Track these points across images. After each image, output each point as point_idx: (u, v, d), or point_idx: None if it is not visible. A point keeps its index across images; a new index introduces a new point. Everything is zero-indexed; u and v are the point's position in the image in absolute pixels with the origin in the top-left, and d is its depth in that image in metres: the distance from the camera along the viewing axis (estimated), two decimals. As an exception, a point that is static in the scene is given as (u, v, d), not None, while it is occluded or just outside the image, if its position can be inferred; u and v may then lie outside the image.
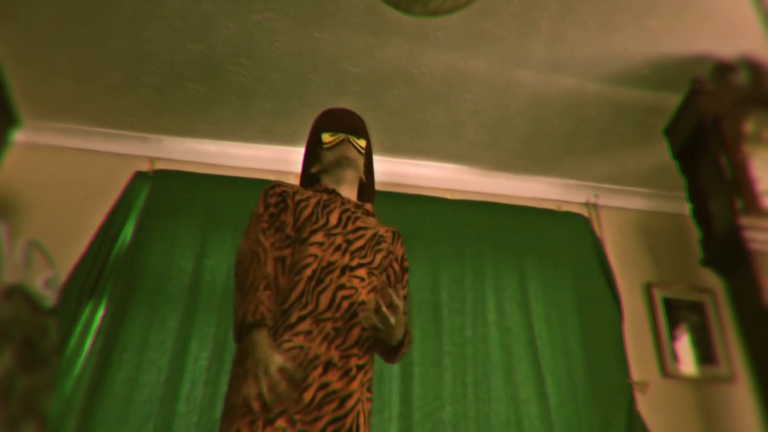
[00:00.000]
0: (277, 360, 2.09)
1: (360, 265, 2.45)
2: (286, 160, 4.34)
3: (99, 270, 3.80)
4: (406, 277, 2.70)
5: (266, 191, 2.55)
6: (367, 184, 2.83)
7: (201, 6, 3.43)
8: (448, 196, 4.52)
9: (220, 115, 4.19)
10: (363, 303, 2.39)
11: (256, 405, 2.04)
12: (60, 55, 3.76)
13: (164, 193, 4.13)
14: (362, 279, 2.43)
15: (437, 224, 4.36)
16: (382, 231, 2.63)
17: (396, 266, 2.67)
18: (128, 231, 3.98)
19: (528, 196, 4.73)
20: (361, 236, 2.53)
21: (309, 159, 2.80)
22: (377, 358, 2.59)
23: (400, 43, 3.62)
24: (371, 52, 3.68)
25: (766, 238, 2.97)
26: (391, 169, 4.50)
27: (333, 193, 2.61)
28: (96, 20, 3.53)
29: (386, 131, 4.28)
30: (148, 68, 3.84)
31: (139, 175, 4.18)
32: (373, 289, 2.49)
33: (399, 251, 2.70)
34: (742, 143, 3.15)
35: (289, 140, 4.34)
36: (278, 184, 2.57)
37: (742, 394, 4.17)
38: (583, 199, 4.79)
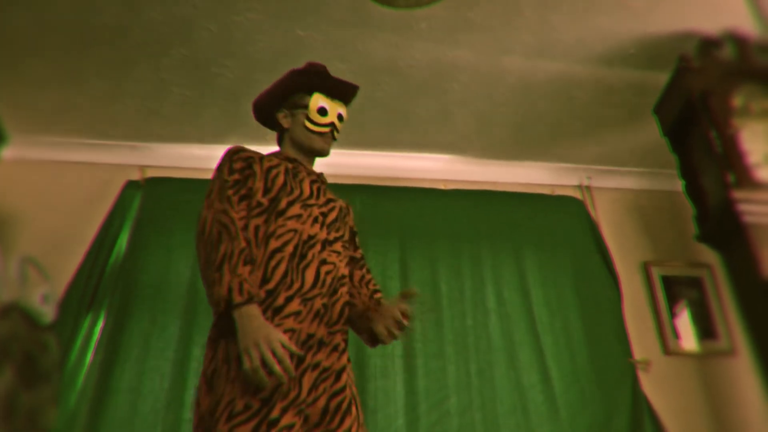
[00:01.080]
0: (279, 335, 2.01)
1: (336, 239, 2.41)
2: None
3: (96, 282, 3.79)
4: (357, 239, 2.68)
5: (230, 156, 2.42)
6: None
7: (182, 9, 3.41)
8: (442, 186, 4.51)
9: (208, 119, 4.18)
10: (343, 277, 2.36)
11: (264, 376, 1.95)
12: (43, 67, 3.73)
13: (157, 200, 4.12)
14: (339, 253, 2.39)
15: (432, 215, 4.36)
16: (342, 203, 2.59)
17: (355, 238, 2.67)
18: (123, 241, 3.97)
19: (521, 182, 4.73)
20: (333, 209, 2.48)
21: (282, 99, 2.67)
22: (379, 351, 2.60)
23: (385, 36, 3.61)
24: (356, 47, 3.67)
25: (759, 211, 2.98)
26: (383, 163, 4.50)
27: (295, 161, 2.53)
28: (78, 30, 3.50)
29: (376, 125, 4.27)
30: (133, 75, 3.82)
31: (131, 184, 4.17)
32: (349, 263, 2.49)
33: (351, 223, 2.66)
34: (731, 117, 3.15)
35: (278, 141, 4.33)
36: (242, 149, 2.45)
37: (744, 366, 4.19)
38: (576, 182, 4.80)
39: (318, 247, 2.31)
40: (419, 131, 4.38)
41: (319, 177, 2.58)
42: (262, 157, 2.45)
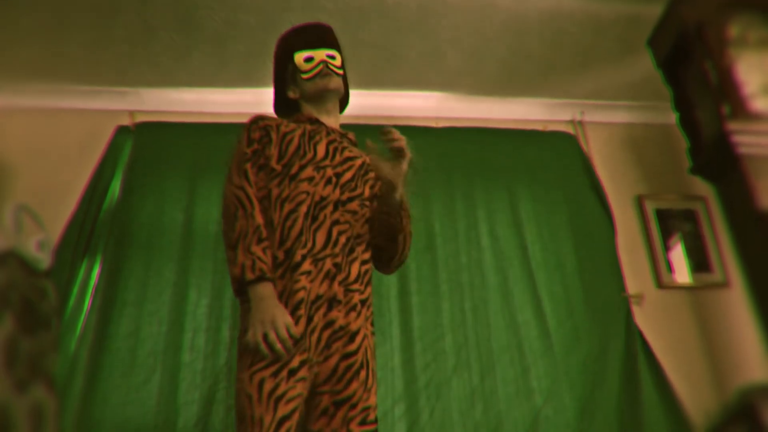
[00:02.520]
0: (287, 317, 2.11)
1: (351, 199, 2.44)
2: (266, 102, 4.24)
3: (90, 228, 3.80)
4: None
5: (249, 126, 2.50)
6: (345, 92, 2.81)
7: (167, -49, 3.36)
8: (434, 124, 4.49)
9: (197, 62, 4.14)
10: (359, 236, 2.40)
11: (265, 349, 2.07)
12: (29, 15, 3.68)
13: (148, 145, 4.10)
14: (355, 213, 2.43)
15: (425, 153, 4.32)
16: (368, 159, 2.58)
17: None
18: (116, 187, 3.97)
19: (513, 119, 4.71)
20: (350, 167, 2.51)
21: (284, 81, 2.73)
22: (375, 291, 2.62)
23: (373, -27, 3.57)
24: (344, -15, 3.63)
25: (754, 142, 2.96)
26: (374, 103, 4.46)
27: (316, 122, 2.58)
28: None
29: (366, 65, 4.23)
30: (120, 21, 3.78)
31: (121, 130, 4.15)
32: (367, 222, 2.49)
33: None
34: (727, 48, 3.11)
35: (268, 82, 4.23)
36: (261, 117, 2.53)
37: (737, 298, 4.23)
38: (568, 117, 4.78)
39: (330, 208, 2.36)
40: (409, 69, 4.35)
41: (342, 136, 2.60)
42: (279, 124, 2.50)
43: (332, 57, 2.63)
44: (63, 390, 3.33)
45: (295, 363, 2.10)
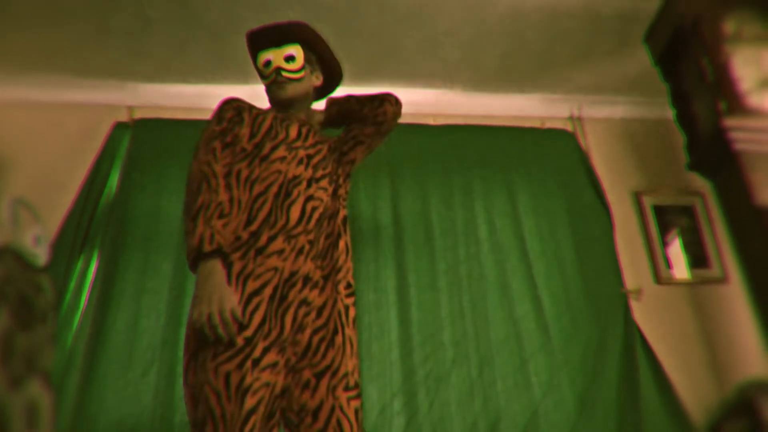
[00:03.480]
0: (233, 300, 2.07)
1: (323, 177, 2.47)
2: (264, 96, 4.29)
3: (88, 223, 3.80)
4: None
5: (221, 106, 2.53)
6: (326, 77, 2.84)
7: (165, -55, 3.36)
8: (431, 121, 4.49)
9: (195, 56, 4.13)
10: (326, 210, 2.42)
11: (209, 331, 2.02)
12: (27, 7, 3.67)
13: (146, 140, 4.10)
14: (326, 189, 2.45)
15: (422, 150, 4.35)
16: (332, 142, 2.67)
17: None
18: (113, 181, 3.96)
19: (511, 114, 4.70)
20: (320, 150, 2.54)
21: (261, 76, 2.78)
22: (372, 284, 2.66)
23: (370, -34, 3.57)
24: (342, -21, 3.63)
25: (751, 138, 2.97)
26: (372, 98, 4.46)
27: (287, 113, 2.62)
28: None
29: (363, 58, 4.22)
30: (118, 14, 3.77)
31: (119, 126, 4.15)
32: (335, 197, 2.51)
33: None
34: (723, 43, 3.12)
35: (266, 76, 4.29)
36: (235, 99, 2.56)
37: (735, 293, 4.23)
38: (566, 113, 4.77)
39: (304, 184, 2.37)
40: (406, 63, 4.34)
41: (311, 123, 2.64)
42: (252, 107, 2.54)
43: (290, 58, 2.63)
44: (59, 385, 3.32)
45: (257, 352, 2.05)
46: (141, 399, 3.43)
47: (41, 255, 1.91)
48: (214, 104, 4.22)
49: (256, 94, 4.29)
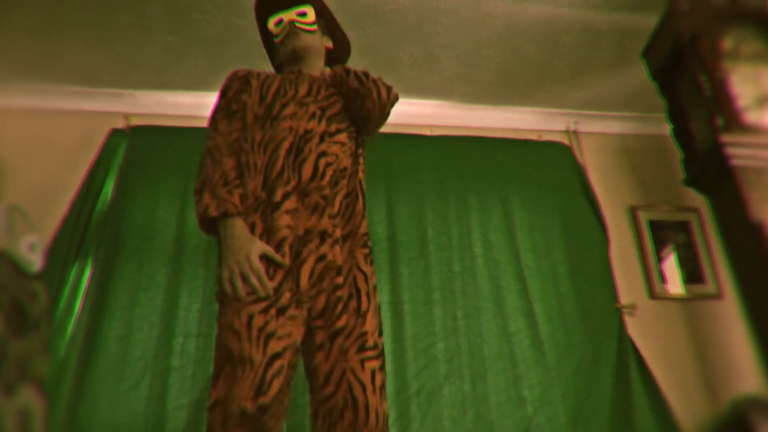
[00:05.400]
0: (258, 246, 2.07)
1: (339, 131, 2.42)
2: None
3: (83, 230, 3.78)
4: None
5: (227, 79, 2.52)
6: (335, 45, 2.81)
7: (164, -45, 3.36)
8: (428, 132, 4.49)
9: (192, 65, 4.13)
10: (345, 169, 2.38)
11: (241, 289, 2.02)
12: (25, 15, 3.67)
13: (142, 149, 4.09)
14: (343, 144, 2.41)
15: (419, 161, 4.35)
16: None
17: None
18: (109, 189, 3.95)
19: (508, 127, 4.72)
20: (336, 102, 2.49)
21: (268, 50, 2.79)
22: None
23: (370, -20, 3.58)
24: (341, -8, 3.63)
25: (748, 154, 2.97)
26: (368, 109, 4.46)
27: (298, 73, 2.57)
28: (58, -23, 3.45)
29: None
30: (116, 23, 3.76)
31: (116, 133, 4.14)
32: (352, 155, 2.47)
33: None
34: (721, 60, 3.13)
35: (263, 87, 4.29)
36: (241, 70, 2.55)
37: (730, 309, 4.23)
38: (563, 127, 4.78)
39: (316, 140, 2.33)
40: (404, 76, 4.35)
41: (322, 80, 2.57)
42: (260, 73, 2.52)
43: (302, 14, 2.62)
44: (52, 393, 3.30)
45: (284, 300, 2.04)
46: (133, 408, 3.41)
47: (36, 262, 1.91)
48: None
49: (253, 105, 4.31)
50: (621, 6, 3.81)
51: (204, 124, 4.08)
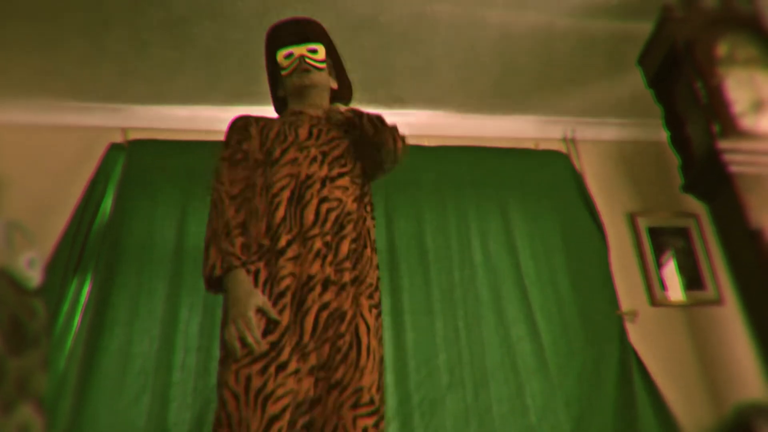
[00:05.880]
0: (256, 300, 2.07)
1: (341, 175, 2.40)
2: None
3: (81, 245, 3.78)
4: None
5: (227, 130, 2.52)
6: (340, 85, 2.80)
7: (159, -31, 3.37)
8: (425, 142, 4.49)
9: (189, 79, 4.14)
10: (350, 213, 2.35)
11: (239, 349, 2.00)
12: (21, 31, 3.68)
13: (140, 163, 4.09)
14: (345, 189, 2.39)
15: (417, 171, 4.34)
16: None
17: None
18: (107, 204, 3.95)
19: (505, 136, 4.71)
20: (337, 146, 2.48)
21: (273, 81, 2.78)
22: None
23: (364, -9, 3.59)
24: (335, 3, 3.64)
25: (745, 160, 2.98)
26: (366, 120, 4.47)
27: (299, 114, 2.57)
28: (55, -8, 3.46)
29: (357, 82, 4.20)
30: (113, 37, 3.77)
31: (114, 147, 4.14)
32: (357, 199, 2.44)
33: None
34: (716, 66, 3.14)
35: (260, 99, 4.27)
36: (240, 117, 2.55)
37: (731, 315, 4.22)
38: (560, 135, 4.79)
39: (317, 185, 2.31)
40: (400, 86, 4.36)
41: (326, 119, 2.57)
42: (259, 119, 2.52)
43: (313, 51, 2.62)
44: (51, 409, 3.29)
45: (284, 356, 2.02)
46: (134, 424, 3.39)
47: (34, 278, 1.90)
48: (208, 126, 4.28)
49: (251, 117, 4.31)
50: (616, 14, 3.82)
51: (202, 137, 4.14)
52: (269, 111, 4.14)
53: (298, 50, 2.62)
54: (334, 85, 2.76)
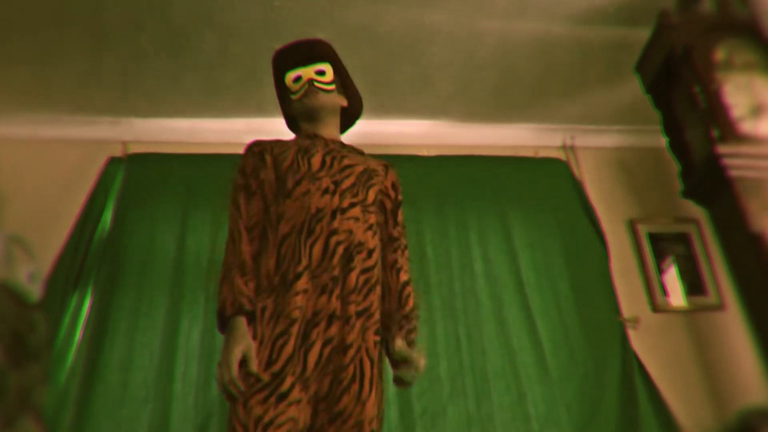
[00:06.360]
0: (241, 348, 2.09)
1: (352, 205, 2.37)
2: (258, 130, 4.29)
3: (82, 259, 3.78)
4: (400, 213, 2.67)
5: (245, 153, 2.53)
6: (348, 102, 2.78)
7: (157, -18, 3.38)
8: (425, 152, 4.49)
9: (188, 91, 4.14)
10: (361, 244, 2.33)
11: (231, 390, 2.04)
12: (21, 45, 3.69)
13: (140, 176, 4.09)
14: (357, 219, 2.36)
15: (416, 182, 4.33)
16: (373, 165, 2.57)
17: (388, 202, 2.63)
18: (107, 217, 3.95)
19: (504, 144, 4.71)
20: (350, 174, 2.45)
21: (283, 103, 2.77)
22: None
23: (362, 3, 3.58)
24: (333, 15, 3.64)
25: (744, 164, 2.98)
26: (364, 130, 4.43)
27: (314, 137, 2.56)
28: (54, 7, 3.45)
29: (357, 92, 4.25)
30: (112, 50, 3.78)
31: (113, 160, 4.15)
32: (370, 229, 2.41)
33: (390, 182, 2.65)
34: (714, 72, 3.14)
35: (259, 110, 4.30)
36: (256, 143, 2.54)
37: (733, 320, 4.21)
38: (559, 142, 4.79)
39: (327, 219, 2.30)
40: (399, 97, 4.36)
41: (342, 146, 2.58)
42: (275, 145, 2.51)
43: (321, 73, 2.62)
44: (52, 423, 3.28)
45: (285, 386, 2.04)
46: (136, 437, 3.40)
47: (35, 291, 1.90)
48: (208, 138, 4.28)
49: (251, 129, 4.34)
50: (613, 21, 3.83)
51: (202, 149, 4.14)
52: (269, 123, 4.19)
53: (306, 72, 2.61)
54: (344, 103, 2.75)
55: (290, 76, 2.63)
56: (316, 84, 2.58)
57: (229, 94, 4.17)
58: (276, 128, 3.02)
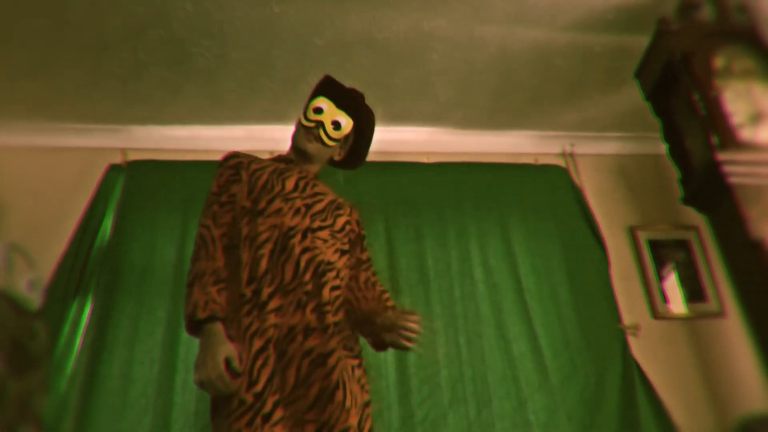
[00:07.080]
0: (224, 350, 2.10)
1: (321, 228, 2.44)
2: (258, 137, 4.31)
3: (82, 267, 3.77)
4: (365, 244, 2.74)
5: (221, 165, 2.56)
6: (346, 159, 2.80)
7: (157, -10, 3.38)
8: (424, 159, 4.50)
9: (188, 99, 4.14)
10: (330, 263, 2.38)
11: (219, 385, 2.05)
12: (20, 54, 3.68)
13: (140, 183, 4.09)
14: (325, 240, 2.42)
15: (416, 189, 4.34)
16: (340, 200, 2.64)
17: (353, 235, 2.66)
18: (107, 225, 3.95)
19: (504, 152, 4.72)
20: (320, 200, 2.52)
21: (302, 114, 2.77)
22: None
23: (362, 9, 3.58)
24: (333, 21, 3.64)
25: (744, 171, 2.98)
26: (364, 138, 4.48)
27: (291, 162, 2.61)
28: (54, 15, 3.45)
29: (356, 100, 4.25)
30: (111, 58, 3.77)
31: (113, 168, 4.14)
32: (338, 252, 2.47)
33: (355, 219, 2.70)
34: (714, 79, 3.14)
35: (259, 118, 4.30)
36: (233, 155, 2.57)
37: (733, 327, 4.21)
38: (559, 149, 4.79)
39: (299, 237, 2.35)
40: (399, 103, 4.36)
41: (312, 177, 2.62)
42: (252, 161, 2.54)
43: (337, 125, 2.63)
44: (52, 431, 3.27)
45: (268, 407, 2.07)
46: (136, 446, 3.39)
47: (35, 300, 1.90)
48: (208, 146, 4.28)
49: (251, 137, 4.34)
50: (613, 28, 3.83)
51: (201, 157, 4.13)
52: (269, 131, 4.19)
53: (329, 112, 2.62)
54: (338, 157, 2.77)
55: (316, 102, 2.65)
56: (322, 132, 2.61)
57: (230, 101, 4.16)
58: (275, 135, 3.03)
